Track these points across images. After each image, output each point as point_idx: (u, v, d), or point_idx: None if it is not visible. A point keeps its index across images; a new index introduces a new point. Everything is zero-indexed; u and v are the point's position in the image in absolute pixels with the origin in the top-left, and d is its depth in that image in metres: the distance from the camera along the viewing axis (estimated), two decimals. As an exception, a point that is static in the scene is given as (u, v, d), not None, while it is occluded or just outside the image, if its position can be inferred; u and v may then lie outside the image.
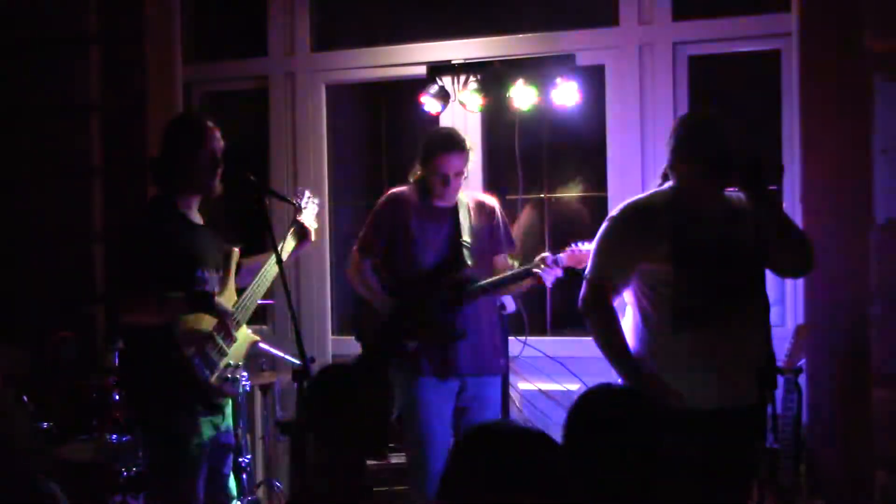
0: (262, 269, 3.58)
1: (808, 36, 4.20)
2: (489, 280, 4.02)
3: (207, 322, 3.36)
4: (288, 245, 3.71)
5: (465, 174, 4.06)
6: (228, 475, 3.56)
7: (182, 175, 3.42)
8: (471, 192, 4.21)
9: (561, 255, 3.94)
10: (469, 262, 3.99)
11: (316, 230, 3.90)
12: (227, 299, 3.48)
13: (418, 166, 4.07)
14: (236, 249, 3.62)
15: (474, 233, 4.05)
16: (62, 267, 5.11)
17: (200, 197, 3.50)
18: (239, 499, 3.91)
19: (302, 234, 3.76)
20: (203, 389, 3.32)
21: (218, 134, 3.49)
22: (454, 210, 4.07)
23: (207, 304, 3.34)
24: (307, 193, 3.90)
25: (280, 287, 3.38)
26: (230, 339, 3.43)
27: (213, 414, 3.41)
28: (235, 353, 3.46)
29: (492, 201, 4.19)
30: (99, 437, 4.33)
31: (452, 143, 4.01)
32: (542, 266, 3.94)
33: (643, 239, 3.22)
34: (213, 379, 3.34)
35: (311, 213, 3.87)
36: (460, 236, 4.02)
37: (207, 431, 3.39)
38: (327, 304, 5.30)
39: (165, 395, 3.32)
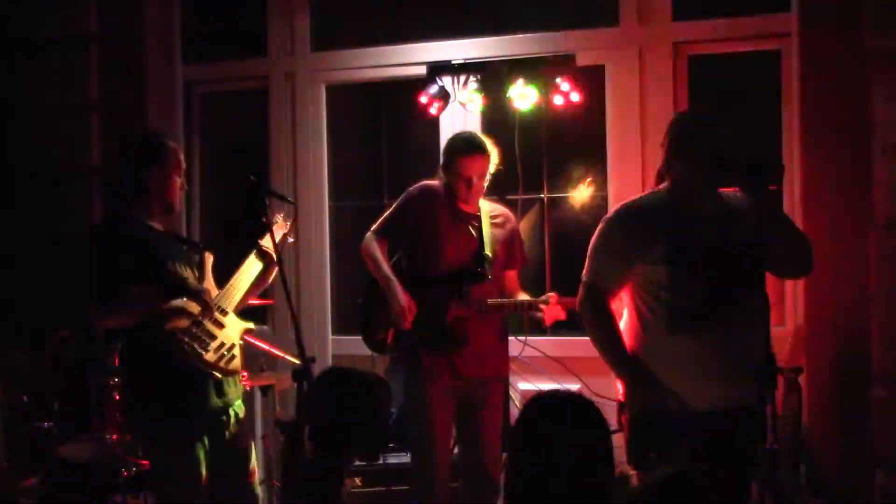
0: (245, 262, 3.56)
1: (808, 36, 4.20)
2: (502, 302, 4.03)
3: (190, 307, 3.35)
4: (252, 266, 3.61)
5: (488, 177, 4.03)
6: (250, 480, 3.54)
7: (139, 194, 3.44)
8: (489, 203, 4.20)
9: (568, 298, 3.95)
10: (489, 277, 3.99)
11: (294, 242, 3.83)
12: None
13: (442, 170, 4.05)
14: (210, 255, 3.59)
15: (494, 246, 4.04)
16: (62, 267, 5.10)
17: (161, 209, 3.50)
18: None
19: (266, 258, 3.62)
20: (199, 366, 3.30)
21: (180, 155, 3.49)
22: (479, 218, 4.05)
23: (181, 287, 3.35)
24: (279, 216, 3.84)
25: (280, 287, 3.37)
26: (215, 321, 3.41)
27: (216, 400, 3.38)
28: (228, 334, 3.44)
29: (509, 214, 4.18)
30: (99, 437, 4.33)
31: (473, 145, 3.97)
32: (543, 306, 3.96)
33: (638, 241, 3.19)
34: (209, 355, 3.33)
35: (279, 233, 3.79)
36: (484, 248, 4.01)
37: (210, 434, 3.38)
38: (327, 304, 5.30)
39: (164, 398, 3.30)
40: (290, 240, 3.91)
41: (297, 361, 3.57)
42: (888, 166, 4.00)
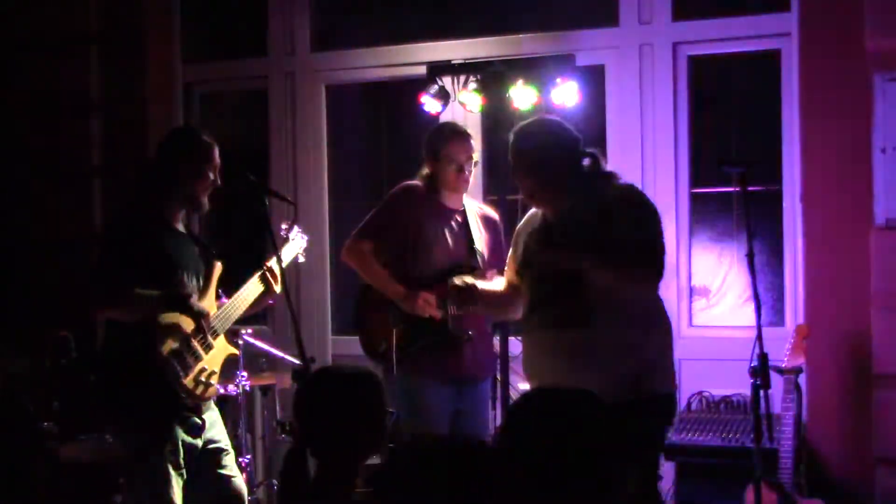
0: (245, 284, 3.54)
1: (808, 36, 4.21)
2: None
3: (185, 324, 3.34)
4: (254, 289, 3.56)
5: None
6: (232, 476, 3.52)
7: (171, 187, 3.41)
8: (475, 202, 4.20)
9: None
10: (482, 269, 3.98)
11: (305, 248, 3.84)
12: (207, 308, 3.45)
13: (427, 164, 4.02)
14: (219, 263, 3.57)
15: (483, 243, 4.03)
16: (62, 267, 5.11)
17: (186, 209, 3.49)
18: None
19: (269, 281, 3.55)
20: (175, 388, 3.29)
21: (216, 151, 3.47)
22: (463, 213, 4.04)
23: (184, 303, 3.32)
24: (296, 228, 3.82)
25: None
26: (206, 343, 3.39)
27: (187, 417, 3.36)
28: (212, 359, 3.41)
29: (495, 215, 4.18)
30: (99, 437, 4.33)
31: (459, 131, 4.02)
32: None
33: (517, 246, 3.47)
34: (188, 380, 3.32)
35: (293, 248, 3.79)
36: (473, 244, 4.00)
37: (185, 438, 3.36)
38: (327, 304, 5.31)
39: (140, 397, 3.29)
40: (301, 260, 3.90)
41: (297, 361, 3.57)
42: (888, 166, 4.00)
